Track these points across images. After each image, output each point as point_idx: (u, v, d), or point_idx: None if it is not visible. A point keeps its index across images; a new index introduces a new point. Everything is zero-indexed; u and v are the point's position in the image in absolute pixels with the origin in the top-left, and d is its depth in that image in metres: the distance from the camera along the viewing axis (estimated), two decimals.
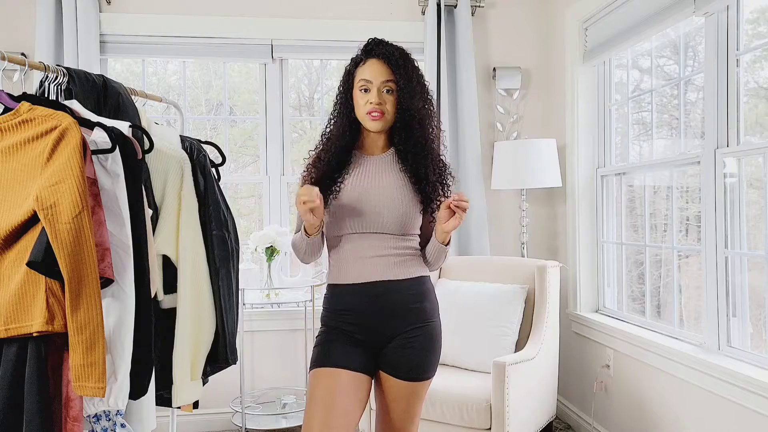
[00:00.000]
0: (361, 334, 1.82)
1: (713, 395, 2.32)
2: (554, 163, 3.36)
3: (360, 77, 1.83)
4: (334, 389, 1.74)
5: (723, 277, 2.38)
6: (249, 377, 3.57)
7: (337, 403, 1.72)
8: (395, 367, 1.81)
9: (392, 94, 1.81)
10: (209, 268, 2.13)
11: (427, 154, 1.84)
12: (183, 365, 2.03)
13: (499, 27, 3.76)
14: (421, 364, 1.81)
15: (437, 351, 1.86)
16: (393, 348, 1.82)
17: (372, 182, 1.84)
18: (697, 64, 2.71)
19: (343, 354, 1.80)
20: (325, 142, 1.89)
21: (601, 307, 3.38)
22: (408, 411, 1.87)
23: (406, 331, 1.81)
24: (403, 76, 1.80)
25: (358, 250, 1.82)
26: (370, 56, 1.83)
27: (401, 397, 1.84)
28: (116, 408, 1.61)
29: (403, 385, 1.82)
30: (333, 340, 1.83)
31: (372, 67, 1.82)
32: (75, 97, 1.82)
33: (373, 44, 1.85)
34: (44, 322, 1.45)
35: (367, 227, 1.82)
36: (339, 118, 1.88)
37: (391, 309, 1.80)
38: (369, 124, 1.82)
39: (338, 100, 1.90)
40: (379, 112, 1.80)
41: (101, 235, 1.53)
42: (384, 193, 1.82)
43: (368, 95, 1.81)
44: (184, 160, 2.07)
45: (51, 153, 1.49)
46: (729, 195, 2.37)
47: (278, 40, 3.59)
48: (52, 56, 3.24)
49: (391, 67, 1.80)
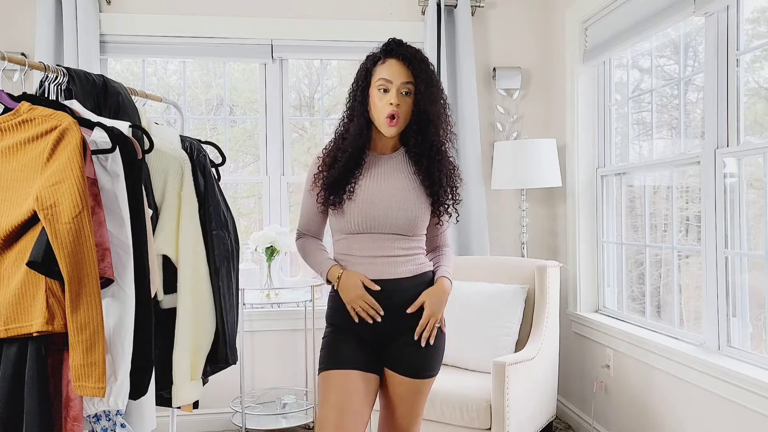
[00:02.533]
0: (368, 332, 1.84)
1: (713, 395, 2.32)
2: (554, 163, 3.36)
3: (379, 76, 1.80)
4: (346, 391, 1.76)
5: (723, 277, 2.37)
6: (249, 377, 3.57)
7: (350, 405, 1.74)
8: (401, 365, 1.83)
9: (410, 96, 1.80)
10: (209, 268, 2.13)
11: (441, 158, 1.86)
12: (183, 365, 2.03)
13: (499, 27, 3.76)
14: (427, 361, 1.84)
15: (442, 348, 1.88)
16: (399, 345, 1.84)
17: (384, 184, 1.85)
18: (697, 64, 2.71)
19: (352, 355, 1.81)
20: (342, 141, 1.87)
21: (601, 307, 3.38)
22: (413, 410, 1.88)
23: (412, 328, 1.83)
24: (423, 80, 1.79)
25: (366, 249, 1.83)
26: (390, 56, 1.81)
27: (407, 396, 1.85)
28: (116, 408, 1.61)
29: (408, 382, 1.83)
30: (340, 341, 1.85)
31: (392, 67, 1.79)
32: (75, 97, 1.81)
33: (394, 44, 1.82)
34: (44, 322, 1.45)
35: (377, 228, 1.83)
36: (357, 117, 1.85)
37: (397, 306, 1.82)
38: (385, 129, 1.81)
39: (353, 98, 1.87)
40: (396, 117, 1.78)
41: (101, 235, 1.53)
42: (396, 195, 1.84)
43: (387, 96, 1.79)
44: (184, 160, 2.07)
45: (51, 153, 1.49)
46: (729, 195, 2.37)
47: (278, 40, 3.59)
48: (52, 56, 3.24)
49: (411, 68, 1.79)
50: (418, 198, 1.85)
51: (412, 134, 1.85)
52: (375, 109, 1.82)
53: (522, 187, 3.42)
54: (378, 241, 1.83)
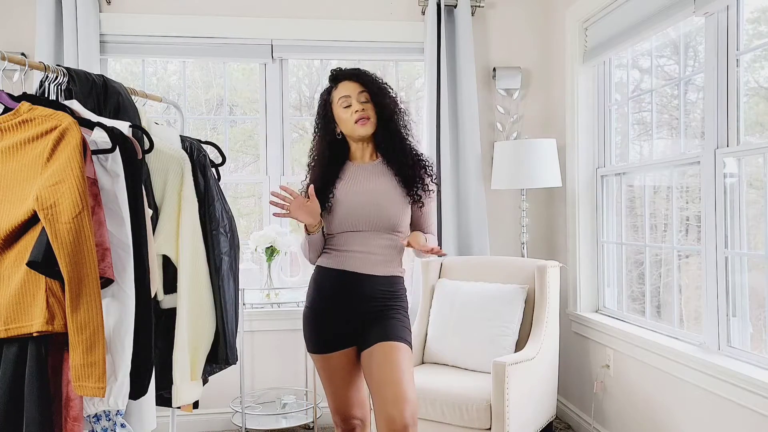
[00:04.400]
0: (341, 311, 2.09)
1: (713, 395, 2.32)
2: (554, 163, 3.36)
3: (338, 96, 2.13)
4: (333, 370, 2.12)
5: (723, 277, 2.38)
6: (249, 377, 3.57)
7: (342, 381, 2.12)
8: (372, 335, 2.05)
9: (369, 102, 2.12)
10: (209, 268, 2.13)
11: (405, 145, 2.16)
12: (183, 365, 2.04)
13: (499, 27, 3.76)
14: (394, 327, 2.06)
15: (407, 322, 2.13)
16: (369, 321, 2.08)
17: (364, 186, 2.12)
18: (698, 64, 2.71)
19: (330, 336, 2.10)
20: (314, 164, 2.20)
21: (601, 307, 3.38)
22: (396, 369, 1.94)
23: (379, 308, 2.09)
24: (374, 85, 2.13)
25: (348, 244, 2.10)
26: (339, 80, 2.16)
27: (385, 358, 1.98)
28: (116, 408, 1.61)
29: (380, 346, 2.01)
30: (318, 322, 2.12)
31: (345, 86, 2.14)
32: (75, 97, 1.82)
33: (337, 71, 2.18)
34: (44, 322, 1.45)
35: (359, 226, 2.09)
36: (320, 140, 2.19)
37: (367, 294, 2.08)
38: (359, 131, 2.11)
39: (318, 127, 2.21)
40: (365, 117, 2.10)
41: (101, 235, 1.53)
42: (374, 195, 2.10)
43: (351, 108, 2.11)
44: (184, 160, 2.07)
45: (51, 153, 1.49)
46: (729, 195, 2.37)
47: (278, 40, 3.59)
48: (52, 56, 3.24)
49: (360, 81, 2.13)
50: (397, 195, 2.11)
51: (380, 134, 2.14)
52: (344, 123, 2.12)
53: (522, 187, 3.42)
54: (359, 237, 2.09)
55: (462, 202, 3.58)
